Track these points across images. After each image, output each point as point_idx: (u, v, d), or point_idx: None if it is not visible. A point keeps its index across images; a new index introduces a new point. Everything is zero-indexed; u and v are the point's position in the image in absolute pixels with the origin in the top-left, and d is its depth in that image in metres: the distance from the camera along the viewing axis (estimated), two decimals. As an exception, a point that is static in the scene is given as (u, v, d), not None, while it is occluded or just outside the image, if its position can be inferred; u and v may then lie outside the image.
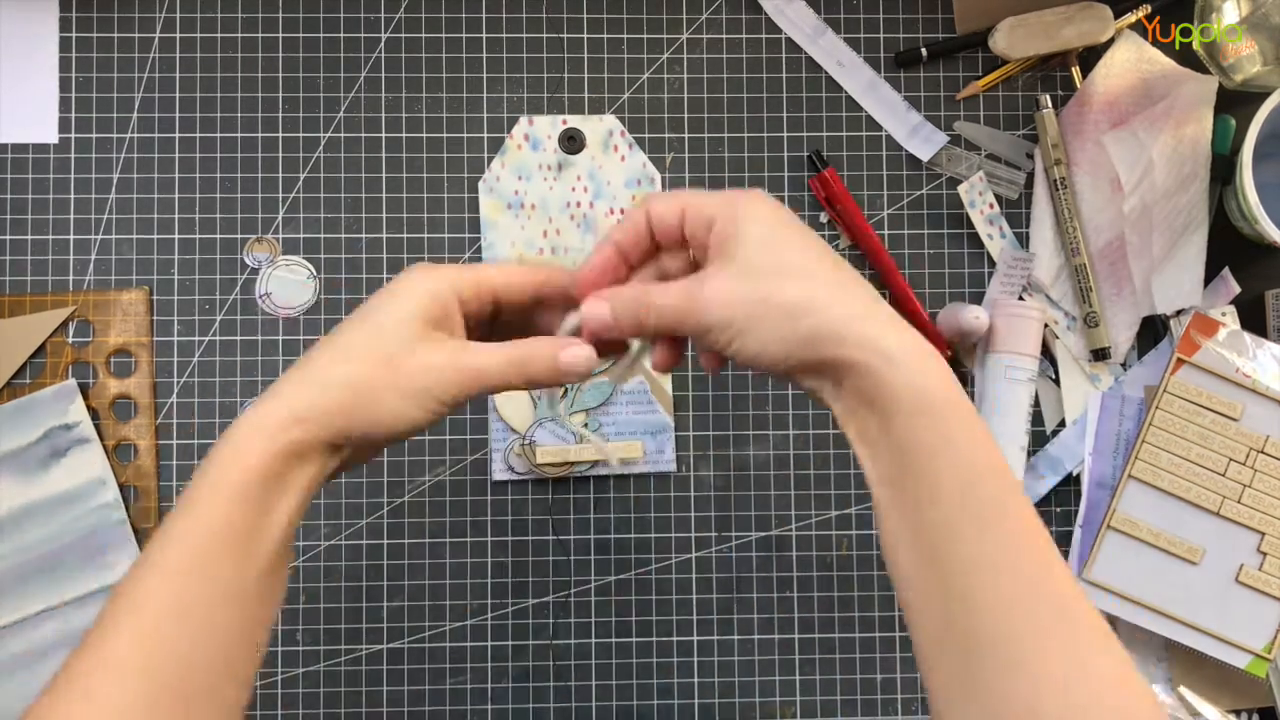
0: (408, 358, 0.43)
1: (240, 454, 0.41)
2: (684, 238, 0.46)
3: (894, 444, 0.41)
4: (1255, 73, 0.68)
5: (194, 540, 0.40)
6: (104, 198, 0.69)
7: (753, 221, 0.43)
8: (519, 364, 0.45)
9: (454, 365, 0.44)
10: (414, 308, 0.44)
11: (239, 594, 0.41)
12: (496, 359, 0.44)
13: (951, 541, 0.40)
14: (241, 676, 0.41)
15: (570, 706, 0.68)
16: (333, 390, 0.42)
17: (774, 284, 0.42)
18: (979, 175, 0.71)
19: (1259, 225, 0.65)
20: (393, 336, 0.43)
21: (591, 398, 0.69)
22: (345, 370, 0.43)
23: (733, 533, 0.70)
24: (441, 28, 0.71)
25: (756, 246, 0.43)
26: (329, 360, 0.43)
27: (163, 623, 0.39)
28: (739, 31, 0.71)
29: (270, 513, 0.42)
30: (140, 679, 0.38)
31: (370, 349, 0.43)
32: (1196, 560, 0.66)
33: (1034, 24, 0.70)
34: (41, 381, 0.68)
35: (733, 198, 0.44)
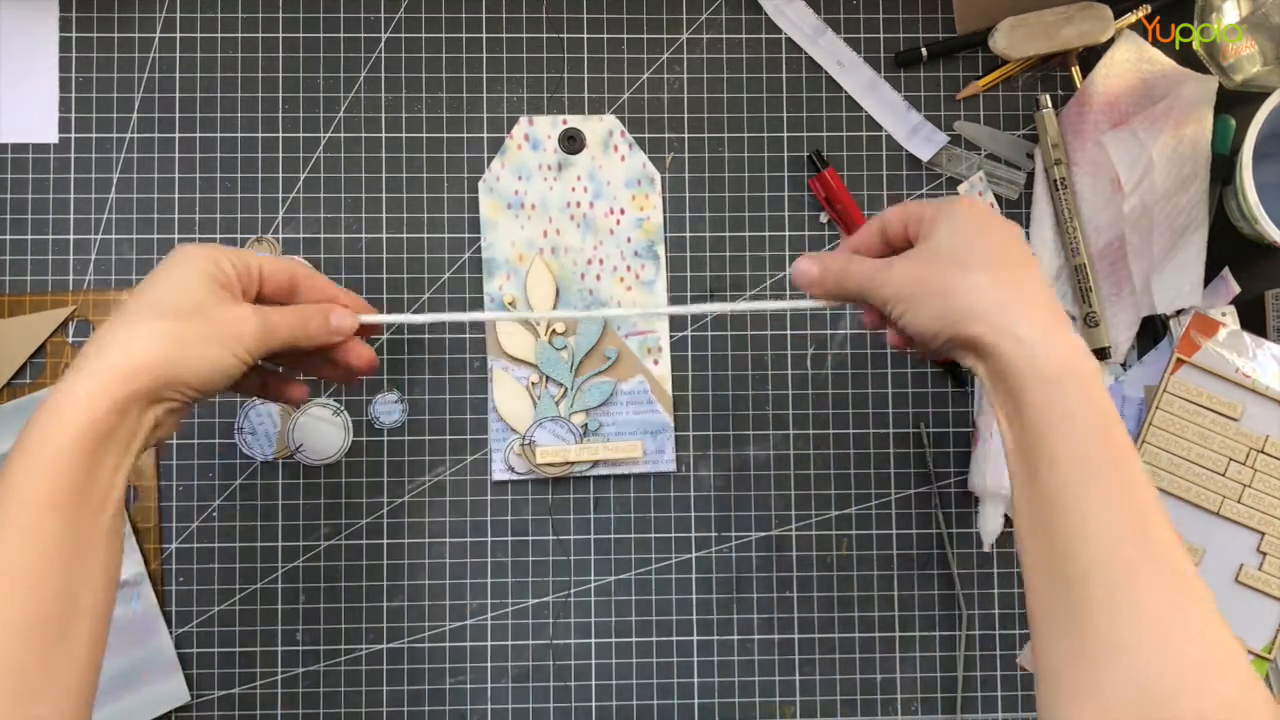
0: (216, 310, 0.48)
1: (68, 411, 0.44)
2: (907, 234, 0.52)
3: (1023, 418, 0.46)
4: (1255, 73, 0.68)
5: (21, 500, 0.43)
6: (104, 198, 0.69)
7: (951, 216, 0.49)
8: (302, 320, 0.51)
9: (256, 318, 0.49)
10: (199, 272, 0.48)
11: (66, 554, 0.43)
12: (285, 315, 0.51)
13: (1062, 496, 0.44)
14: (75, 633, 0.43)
15: (570, 706, 0.68)
16: (156, 342, 0.46)
17: (944, 268, 0.48)
18: (979, 175, 0.71)
19: (1259, 225, 0.65)
20: (196, 293, 0.47)
21: (592, 398, 0.69)
22: (161, 325, 0.46)
23: (733, 533, 0.70)
24: (441, 28, 0.71)
25: (945, 236, 0.49)
26: (141, 318, 0.46)
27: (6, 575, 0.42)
28: (739, 31, 0.71)
29: (99, 468, 0.44)
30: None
31: (179, 304, 0.47)
32: (1196, 560, 0.66)
33: (1034, 24, 0.70)
34: (41, 381, 0.68)
35: (946, 200, 0.51)
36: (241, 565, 0.68)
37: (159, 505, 0.68)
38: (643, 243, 0.70)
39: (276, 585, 0.68)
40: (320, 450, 0.68)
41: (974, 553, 0.70)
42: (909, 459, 0.70)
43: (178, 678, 0.67)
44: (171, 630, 0.67)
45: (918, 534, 0.70)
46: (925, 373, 0.71)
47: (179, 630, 0.67)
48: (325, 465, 0.68)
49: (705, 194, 0.71)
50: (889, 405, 0.71)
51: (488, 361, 0.69)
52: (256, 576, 0.68)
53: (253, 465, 0.68)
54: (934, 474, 0.70)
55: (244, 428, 0.68)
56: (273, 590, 0.68)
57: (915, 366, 0.71)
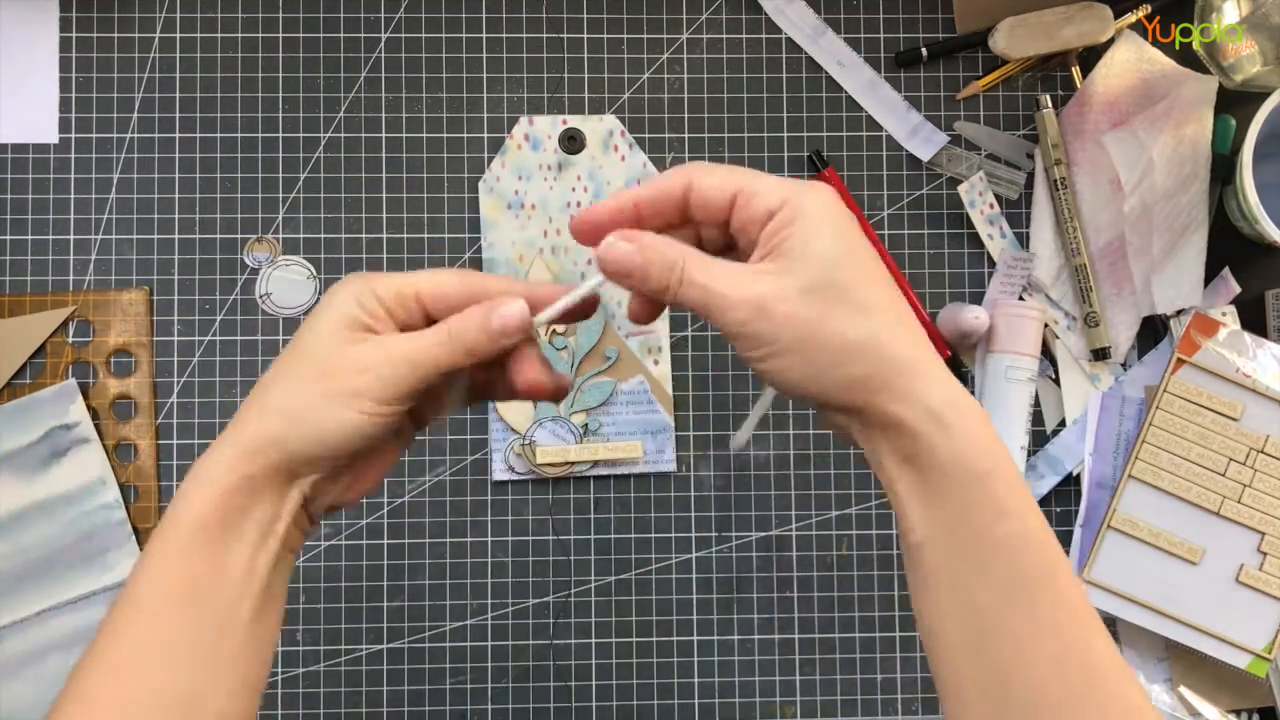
0: (337, 363, 0.40)
1: (197, 491, 0.40)
2: (728, 221, 0.41)
3: (940, 511, 0.39)
4: (1255, 73, 0.68)
5: (146, 589, 0.39)
6: (104, 198, 0.69)
7: (820, 225, 0.39)
8: (453, 336, 0.41)
9: (384, 359, 0.40)
10: (336, 316, 0.41)
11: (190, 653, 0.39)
12: (426, 339, 0.41)
13: (996, 615, 0.38)
14: None
15: (570, 706, 0.68)
16: (269, 415, 0.40)
17: (834, 314, 0.38)
18: (979, 175, 0.71)
19: (1259, 225, 0.65)
20: (321, 348, 0.41)
21: (592, 398, 0.69)
22: (281, 392, 0.41)
23: (733, 533, 0.70)
24: (441, 28, 0.71)
25: (821, 260, 0.38)
26: (268, 388, 0.41)
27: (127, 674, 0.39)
28: (739, 31, 0.71)
29: (228, 554, 0.39)
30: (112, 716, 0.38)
31: (302, 365, 0.41)
32: (1196, 560, 0.66)
33: (1034, 24, 0.70)
34: (41, 381, 0.68)
35: (797, 191, 0.39)
36: (241, 565, 0.68)
37: (159, 505, 0.68)
38: (643, 243, 0.70)
39: (276, 585, 0.68)
40: (320, 450, 0.68)
41: (974, 553, 0.70)
42: (909, 459, 0.70)
43: (178, 678, 0.66)
44: (171, 630, 0.67)
45: (918, 534, 0.70)
46: (925, 373, 0.71)
47: (179, 630, 0.67)
48: (325, 465, 0.68)
49: (705, 194, 0.71)
50: (889, 405, 0.70)
51: (488, 361, 0.69)
52: (256, 576, 0.68)
53: (253, 465, 0.68)
54: (934, 474, 0.70)
55: (244, 428, 0.68)
56: (273, 590, 0.68)
57: (915, 366, 0.71)
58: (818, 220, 0.39)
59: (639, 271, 0.40)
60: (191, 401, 0.68)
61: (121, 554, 0.66)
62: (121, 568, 0.66)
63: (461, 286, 0.42)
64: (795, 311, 0.38)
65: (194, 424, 0.68)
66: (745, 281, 0.39)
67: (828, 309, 0.38)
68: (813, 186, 0.40)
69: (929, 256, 0.71)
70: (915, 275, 0.71)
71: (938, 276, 0.71)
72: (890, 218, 0.71)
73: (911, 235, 0.71)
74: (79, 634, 0.66)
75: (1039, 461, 0.70)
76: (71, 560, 0.66)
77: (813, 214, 0.39)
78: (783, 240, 0.39)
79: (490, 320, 0.41)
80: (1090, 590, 0.67)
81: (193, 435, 0.68)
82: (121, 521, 0.67)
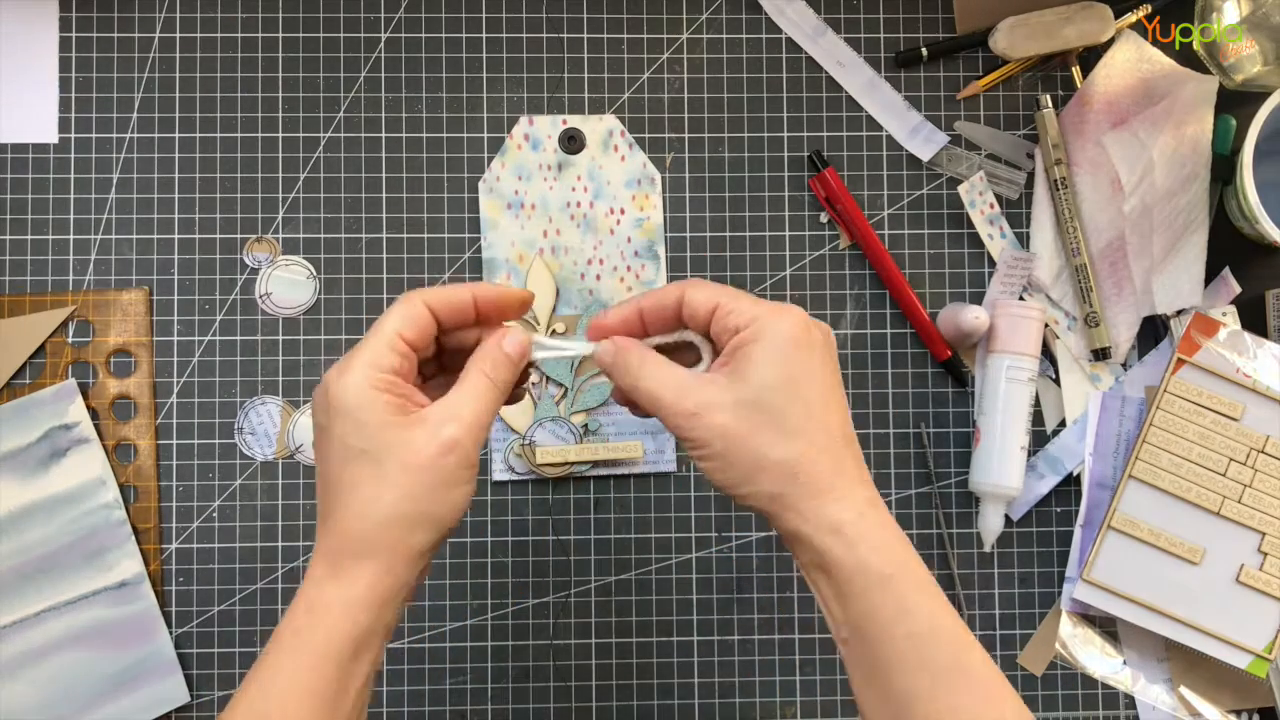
0: (423, 452, 0.43)
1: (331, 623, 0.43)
2: (708, 328, 0.47)
3: (850, 613, 0.44)
4: (1255, 73, 0.68)
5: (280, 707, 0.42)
6: (104, 198, 0.69)
7: (771, 349, 0.44)
8: (495, 380, 0.46)
9: (462, 431, 0.44)
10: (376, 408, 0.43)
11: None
12: (478, 394, 0.46)
13: (911, 705, 0.42)
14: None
15: (570, 706, 0.68)
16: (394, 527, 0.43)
17: (760, 433, 0.44)
18: (979, 175, 0.71)
19: (1259, 225, 0.65)
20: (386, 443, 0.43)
21: (592, 398, 0.69)
22: (391, 502, 0.43)
23: (733, 533, 0.70)
24: (441, 28, 0.71)
25: (761, 382, 0.44)
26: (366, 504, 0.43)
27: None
28: (739, 31, 0.71)
29: (356, 665, 0.43)
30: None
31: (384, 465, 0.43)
32: (1197, 560, 0.66)
33: (1034, 24, 0.70)
34: (41, 381, 0.68)
35: (766, 313, 0.45)
36: (241, 565, 0.68)
37: (159, 505, 0.68)
38: (643, 243, 0.70)
39: (276, 585, 0.68)
40: (320, 450, 0.68)
41: (974, 553, 0.70)
42: (909, 459, 0.70)
43: (178, 678, 0.66)
44: (171, 630, 0.67)
45: (918, 534, 0.70)
46: (925, 373, 0.71)
47: (179, 630, 0.67)
48: (325, 465, 0.68)
49: (705, 194, 0.71)
50: (889, 405, 0.70)
51: (488, 361, 0.69)
52: (256, 576, 0.68)
53: (253, 465, 0.68)
54: (934, 474, 0.70)
55: (244, 428, 0.68)
56: (273, 590, 0.68)
57: (915, 366, 0.71)
58: (772, 344, 0.44)
59: (610, 370, 0.47)
60: (191, 401, 0.68)
61: (121, 554, 0.66)
62: (121, 567, 0.66)
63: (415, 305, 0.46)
64: (726, 423, 0.44)
65: (194, 424, 0.68)
66: (689, 389, 0.45)
67: (755, 428, 0.44)
68: (781, 311, 0.45)
69: (929, 256, 0.71)
70: (915, 275, 0.71)
71: (938, 276, 0.71)
72: (890, 218, 0.71)
73: (911, 235, 0.71)
74: (79, 634, 0.66)
75: (1039, 462, 0.70)
76: (71, 560, 0.66)
77: (770, 338, 0.44)
78: (739, 356, 0.45)
79: (506, 347, 0.47)
80: (1090, 590, 0.67)
81: (193, 435, 0.68)
82: (121, 521, 0.67)
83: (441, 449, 0.43)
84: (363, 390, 0.43)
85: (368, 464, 0.43)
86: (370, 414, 0.43)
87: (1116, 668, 0.69)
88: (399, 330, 0.45)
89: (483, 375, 0.46)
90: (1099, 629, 0.69)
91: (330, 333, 0.69)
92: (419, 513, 0.43)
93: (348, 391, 0.44)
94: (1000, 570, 0.70)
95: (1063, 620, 0.69)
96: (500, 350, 0.47)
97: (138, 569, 0.67)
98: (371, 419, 0.43)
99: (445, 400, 0.45)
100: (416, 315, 0.46)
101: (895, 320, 0.71)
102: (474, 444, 0.45)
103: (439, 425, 0.44)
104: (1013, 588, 0.70)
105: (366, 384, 0.44)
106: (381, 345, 0.45)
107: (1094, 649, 0.69)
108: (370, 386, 0.44)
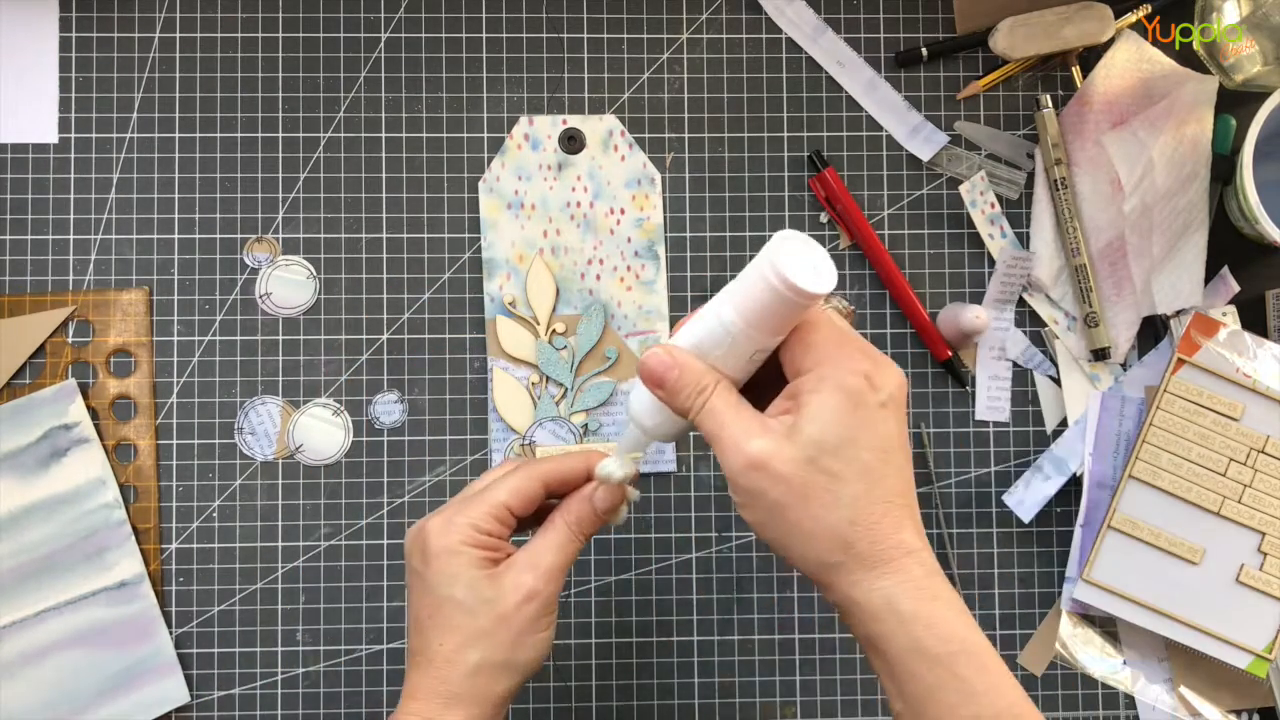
0: (508, 603, 0.47)
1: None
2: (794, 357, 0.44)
3: (906, 692, 0.42)
4: (1255, 73, 0.68)
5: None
6: (104, 198, 0.69)
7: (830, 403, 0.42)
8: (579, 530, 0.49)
9: (541, 579, 0.47)
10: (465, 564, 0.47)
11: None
12: (560, 542, 0.48)
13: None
14: None
15: (570, 706, 0.68)
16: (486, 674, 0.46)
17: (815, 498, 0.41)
18: (979, 175, 0.71)
19: (1259, 225, 0.65)
20: (480, 597, 0.47)
21: (592, 398, 0.69)
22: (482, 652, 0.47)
23: (733, 533, 0.70)
24: (441, 28, 0.71)
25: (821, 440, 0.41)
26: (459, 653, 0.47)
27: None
28: (739, 31, 0.71)
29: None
30: None
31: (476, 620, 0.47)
32: (1197, 560, 0.66)
33: (1034, 24, 0.70)
34: (41, 381, 0.68)
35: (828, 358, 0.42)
36: (241, 565, 0.68)
37: (159, 505, 0.68)
38: (643, 243, 0.70)
39: (276, 585, 0.68)
40: (320, 450, 0.68)
41: (974, 553, 0.70)
42: (909, 459, 0.70)
43: (178, 678, 0.66)
44: (171, 630, 0.67)
45: (918, 534, 0.70)
46: (925, 373, 0.71)
47: (179, 630, 0.67)
48: (325, 465, 0.68)
49: (705, 194, 0.71)
50: (889, 405, 0.70)
51: (488, 361, 0.69)
52: (256, 576, 0.68)
53: (253, 465, 0.68)
54: (934, 474, 0.70)
55: (244, 428, 0.68)
56: (273, 590, 0.68)
57: (915, 367, 0.71)
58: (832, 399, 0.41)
59: (669, 386, 0.44)
60: (191, 401, 0.68)
61: (121, 554, 0.66)
62: (121, 567, 0.66)
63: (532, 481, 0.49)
64: (790, 474, 0.41)
65: (194, 424, 0.68)
66: (754, 431, 0.42)
67: (810, 490, 0.41)
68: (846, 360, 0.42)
69: (929, 256, 0.71)
70: (915, 275, 0.71)
71: (938, 276, 0.71)
72: (890, 218, 0.71)
73: (912, 235, 0.71)
74: (79, 634, 0.66)
75: (1045, 462, 0.70)
76: (71, 560, 0.66)
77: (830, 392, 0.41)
78: (800, 406, 0.42)
79: (598, 504, 0.49)
80: (1090, 590, 0.67)
81: (192, 435, 0.68)
82: (121, 521, 0.67)
83: (523, 598, 0.47)
84: (458, 545, 0.47)
85: (458, 612, 0.47)
86: (462, 567, 0.47)
87: (1116, 668, 0.69)
88: (507, 503, 0.49)
89: (567, 528, 0.49)
90: (1099, 629, 0.69)
91: (330, 333, 0.69)
92: (504, 661, 0.47)
93: (446, 541, 0.47)
94: (1000, 570, 0.70)
95: (1063, 620, 0.69)
96: (588, 506, 0.49)
97: (138, 569, 0.67)
98: (462, 571, 0.47)
99: (528, 548, 0.48)
100: (527, 490, 0.49)
101: (895, 320, 0.71)
102: (553, 592, 0.48)
103: (520, 574, 0.47)
104: (1013, 588, 0.70)
105: (462, 541, 0.47)
106: (486, 511, 0.48)
107: (1094, 649, 0.69)
108: (465, 544, 0.47)
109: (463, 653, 0.46)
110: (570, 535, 0.49)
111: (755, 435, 0.42)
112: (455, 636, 0.47)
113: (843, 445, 0.41)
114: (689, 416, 0.44)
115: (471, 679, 0.46)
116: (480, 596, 0.47)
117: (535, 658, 0.48)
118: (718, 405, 0.43)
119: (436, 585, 0.47)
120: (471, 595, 0.47)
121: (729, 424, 0.43)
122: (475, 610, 0.47)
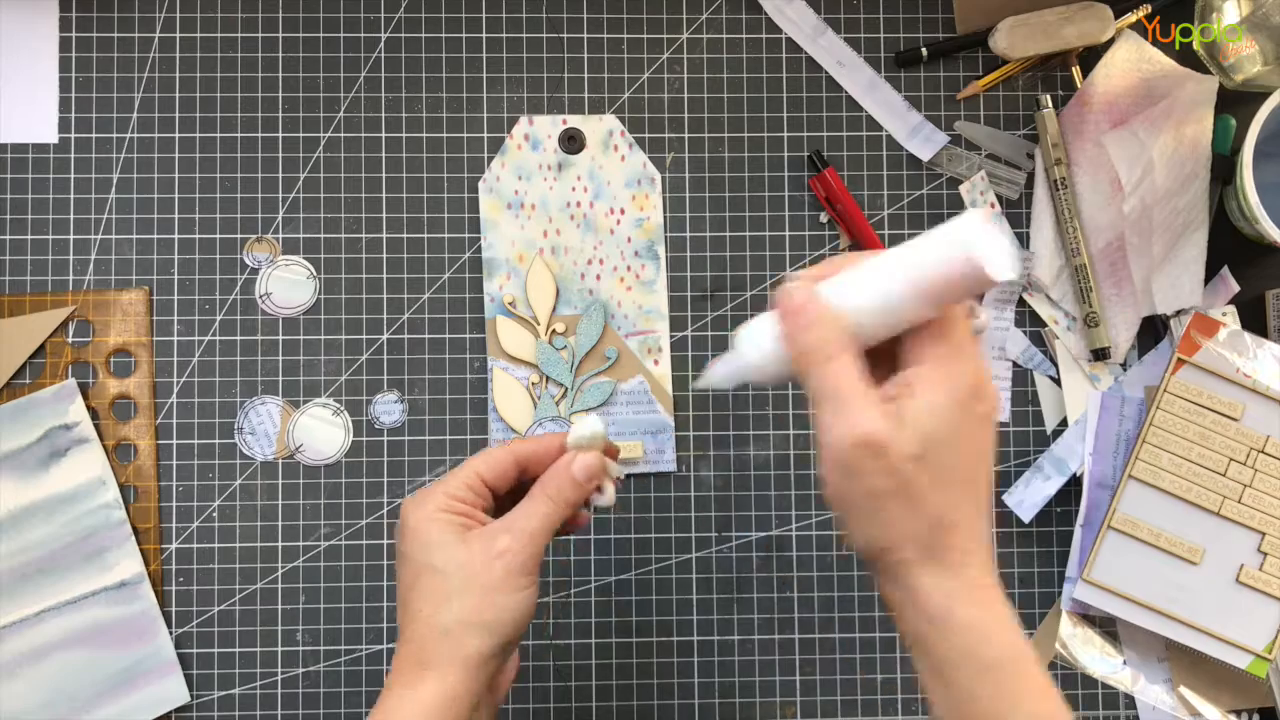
0: (482, 563, 0.47)
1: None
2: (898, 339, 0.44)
3: (951, 693, 0.42)
4: (1255, 73, 0.68)
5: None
6: (104, 198, 0.69)
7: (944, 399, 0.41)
8: (557, 498, 0.49)
9: (521, 541, 0.48)
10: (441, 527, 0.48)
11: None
12: (538, 509, 0.49)
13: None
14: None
15: (570, 706, 0.68)
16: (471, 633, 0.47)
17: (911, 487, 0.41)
18: (980, 175, 0.71)
19: (1259, 225, 0.65)
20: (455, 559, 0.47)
21: (592, 398, 0.69)
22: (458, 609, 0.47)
23: (733, 533, 0.70)
24: (441, 28, 0.71)
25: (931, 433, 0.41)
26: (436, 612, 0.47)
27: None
28: (739, 31, 0.71)
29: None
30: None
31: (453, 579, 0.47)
32: (1196, 560, 0.66)
33: (1034, 24, 0.70)
34: (41, 381, 0.68)
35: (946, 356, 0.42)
36: (241, 565, 0.68)
37: (159, 505, 0.68)
38: (643, 243, 0.70)
39: (276, 585, 0.68)
40: (320, 450, 0.68)
41: (974, 553, 0.70)
42: (909, 459, 0.70)
43: (178, 678, 0.67)
44: (171, 630, 0.67)
45: (918, 534, 0.70)
46: (925, 373, 0.71)
47: (179, 630, 0.67)
48: (325, 465, 0.68)
49: (705, 194, 0.71)
50: (889, 405, 0.70)
51: (487, 361, 0.69)
52: (256, 576, 0.68)
53: (253, 465, 0.68)
54: (934, 474, 0.70)
55: (244, 428, 0.68)
56: (273, 590, 0.68)
57: (915, 366, 0.71)
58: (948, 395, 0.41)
59: (802, 324, 0.43)
60: (191, 401, 0.68)
61: (121, 554, 0.66)
62: (121, 567, 0.66)
63: (504, 451, 0.51)
64: (899, 464, 0.40)
65: (194, 424, 0.68)
66: (873, 408, 0.41)
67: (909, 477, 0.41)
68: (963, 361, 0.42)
69: (929, 256, 0.71)
70: (915, 275, 0.71)
71: (938, 276, 0.71)
72: (890, 218, 0.71)
73: (912, 235, 0.71)
74: (79, 634, 0.66)
75: (1045, 463, 0.70)
76: (71, 560, 0.66)
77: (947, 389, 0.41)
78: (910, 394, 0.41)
79: (575, 473, 0.50)
80: (1090, 590, 0.67)
81: (192, 435, 0.68)
82: (121, 521, 0.67)
83: (494, 555, 0.47)
84: (432, 513, 0.48)
85: (435, 577, 0.47)
86: (436, 533, 0.48)
87: (1116, 668, 0.69)
88: (479, 472, 0.50)
89: (545, 497, 0.49)
90: (1099, 629, 0.69)
91: (330, 333, 0.69)
92: (475, 619, 0.47)
93: (422, 512, 0.48)
94: (1000, 570, 0.70)
95: (1063, 620, 0.69)
96: (567, 474, 0.50)
97: (138, 569, 0.67)
98: (436, 537, 0.48)
99: (506, 515, 0.49)
100: (500, 460, 0.51)
101: (895, 320, 0.71)
102: (527, 552, 0.48)
103: (494, 534, 0.48)
104: (1013, 587, 0.70)
105: (437, 508, 0.48)
106: (460, 481, 0.50)
107: (1094, 649, 0.69)
108: (439, 510, 0.48)
109: (437, 615, 0.47)
110: (547, 501, 0.49)
111: (875, 414, 0.41)
112: (431, 600, 0.47)
113: (951, 446, 0.41)
114: (804, 365, 0.43)
115: (443, 639, 0.46)
116: (453, 559, 0.47)
117: (510, 620, 0.47)
118: (839, 370, 0.42)
119: (414, 554, 0.48)
120: (445, 557, 0.47)
121: (848, 392, 0.41)
122: (449, 572, 0.47)
